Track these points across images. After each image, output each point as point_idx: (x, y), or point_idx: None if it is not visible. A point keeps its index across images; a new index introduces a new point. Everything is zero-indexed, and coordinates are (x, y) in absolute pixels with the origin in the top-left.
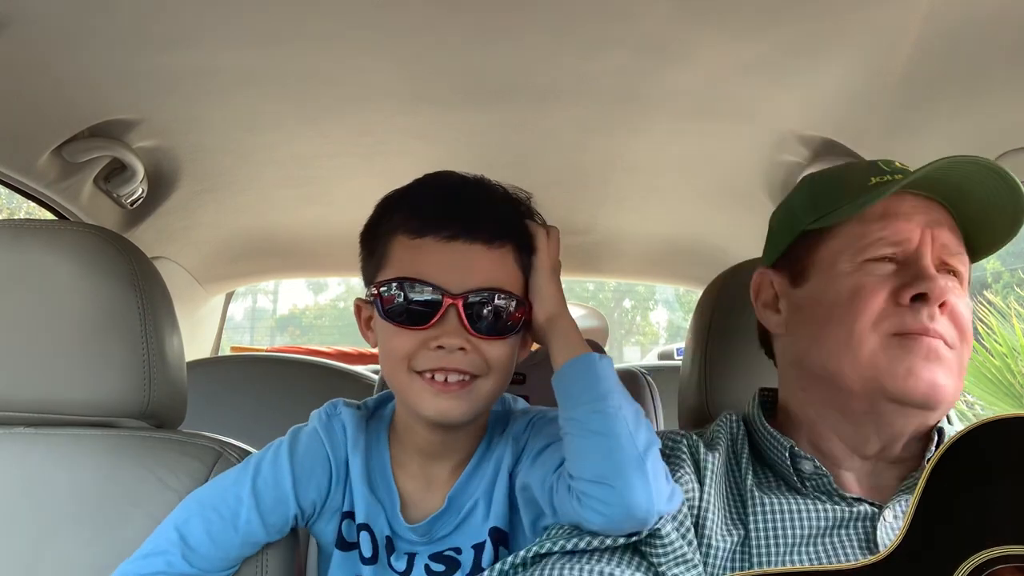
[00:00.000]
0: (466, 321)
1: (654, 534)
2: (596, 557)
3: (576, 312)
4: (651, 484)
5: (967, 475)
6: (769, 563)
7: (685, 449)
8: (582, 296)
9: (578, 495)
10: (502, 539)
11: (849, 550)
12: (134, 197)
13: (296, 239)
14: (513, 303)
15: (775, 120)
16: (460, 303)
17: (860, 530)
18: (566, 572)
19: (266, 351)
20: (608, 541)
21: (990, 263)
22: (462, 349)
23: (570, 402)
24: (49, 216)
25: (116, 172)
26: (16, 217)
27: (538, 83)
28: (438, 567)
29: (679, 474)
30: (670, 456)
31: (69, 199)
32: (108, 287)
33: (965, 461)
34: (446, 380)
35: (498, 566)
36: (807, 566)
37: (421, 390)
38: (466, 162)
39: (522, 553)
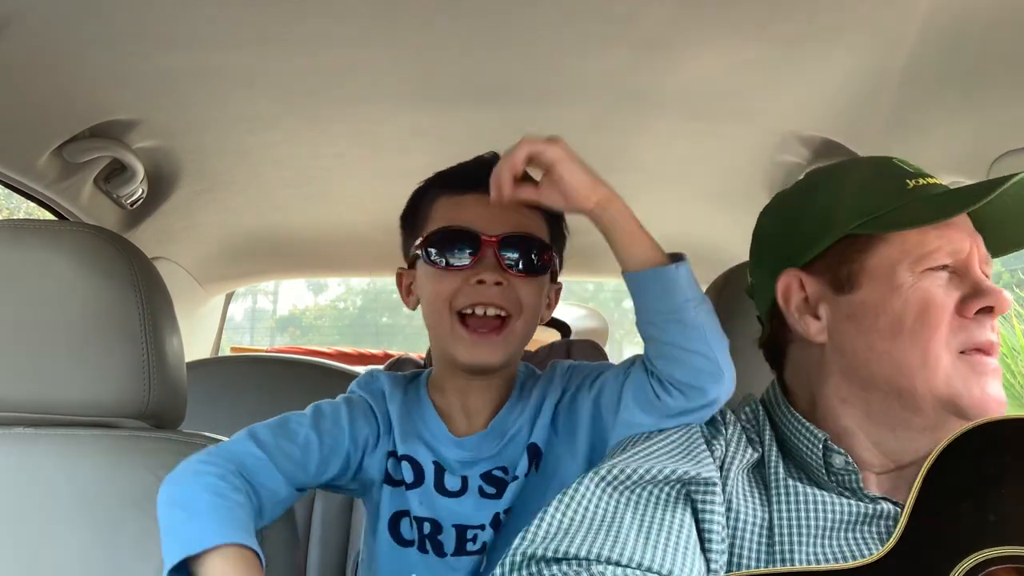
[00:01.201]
0: (502, 259)
1: (708, 482)
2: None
3: (576, 312)
4: (725, 382)
5: (963, 476)
6: (792, 551)
7: (720, 416)
8: (582, 296)
9: (662, 385)
10: (537, 455)
11: (872, 545)
12: (134, 197)
13: (296, 239)
14: (541, 246)
15: (775, 120)
16: (496, 242)
17: (882, 528)
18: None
19: (266, 351)
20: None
21: None
22: (498, 284)
23: (646, 310)
24: (49, 216)
25: (116, 172)
26: (16, 217)
27: (538, 83)
28: (490, 488)
29: (720, 428)
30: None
31: (69, 199)
32: (108, 287)
33: (961, 462)
34: (485, 314)
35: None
36: (804, 566)
37: (460, 338)
38: None
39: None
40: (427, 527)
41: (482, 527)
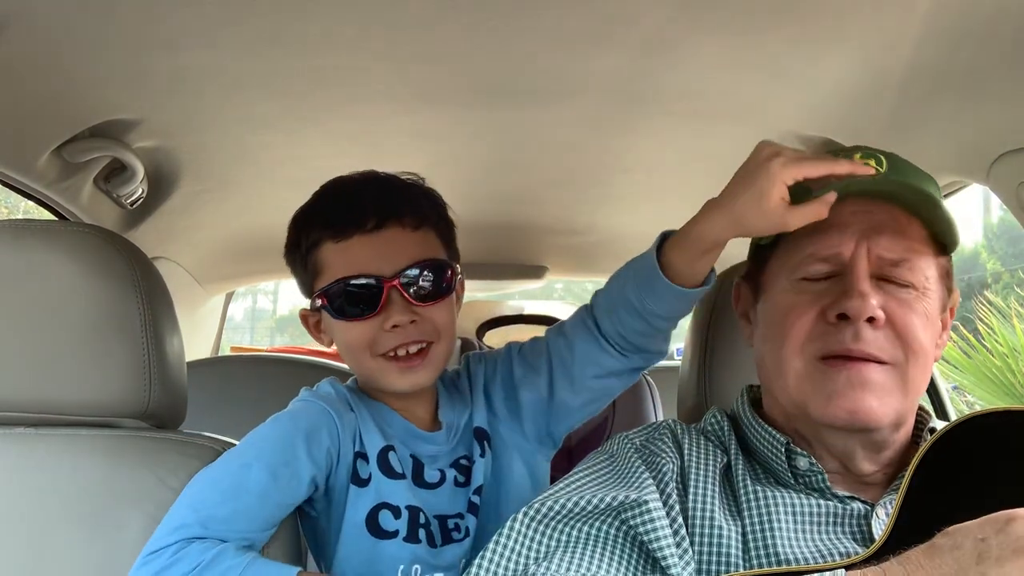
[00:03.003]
0: (408, 296)
1: (638, 503)
2: (588, 549)
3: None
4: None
5: (952, 471)
6: (768, 554)
7: (667, 430)
8: (582, 296)
9: (625, 350)
10: (484, 436)
11: (847, 544)
12: (134, 197)
13: None
14: (441, 267)
15: (775, 120)
16: (398, 282)
17: (855, 526)
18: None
19: (266, 351)
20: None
21: (990, 263)
22: (413, 322)
23: (671, 315)
24: (49, 216)
25: (116, 172)
26: (15, 217)
27: (538, 83)
28: (460, 477)
29: (660, 445)
30: (652, 435)
31: (69, 199)
32: (108, 287)
33: (950, 457)
34: (408, 354)
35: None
36: (797, 567)
37: (388, 371)
38: (466, 162)
39: (525, 509)
40: (422, 517)
41: (460, 515)
